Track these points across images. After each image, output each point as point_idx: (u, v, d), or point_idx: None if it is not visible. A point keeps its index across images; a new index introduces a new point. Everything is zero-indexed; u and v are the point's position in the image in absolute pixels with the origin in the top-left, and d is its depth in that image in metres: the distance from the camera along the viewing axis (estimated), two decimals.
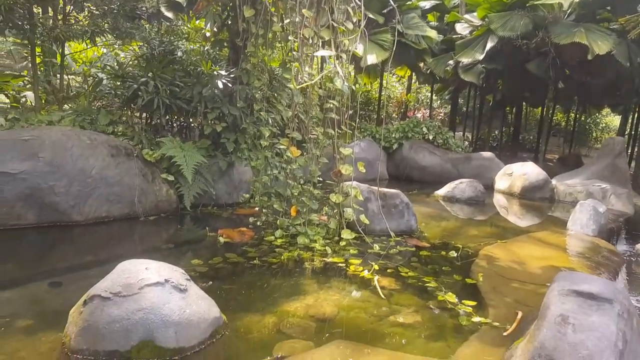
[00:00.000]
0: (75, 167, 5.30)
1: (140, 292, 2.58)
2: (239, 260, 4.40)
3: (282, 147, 5.19)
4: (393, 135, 11.09)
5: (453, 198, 8.39)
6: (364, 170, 5.16)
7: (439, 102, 21.14)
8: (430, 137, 11.02)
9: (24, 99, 7.48)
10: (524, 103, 17.32)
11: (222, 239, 4.96)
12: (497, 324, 3.20)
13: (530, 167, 9.11)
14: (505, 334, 3.01)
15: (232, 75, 6.36)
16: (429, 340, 3.09)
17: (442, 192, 8.63)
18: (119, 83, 6.70)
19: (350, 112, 5.29)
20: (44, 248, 4.77)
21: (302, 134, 5.34)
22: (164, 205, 6.11)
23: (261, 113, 5.26)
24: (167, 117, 6.96)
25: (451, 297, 3.66)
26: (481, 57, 10.99)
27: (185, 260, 4.30)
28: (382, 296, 3.71)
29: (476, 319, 3.30)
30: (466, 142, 12.02)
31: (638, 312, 2.63)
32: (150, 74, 6.43)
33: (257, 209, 5.87)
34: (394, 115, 18.23)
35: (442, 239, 5.69)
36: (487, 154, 10.78)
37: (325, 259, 4.51)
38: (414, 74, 15.85)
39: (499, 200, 9.09)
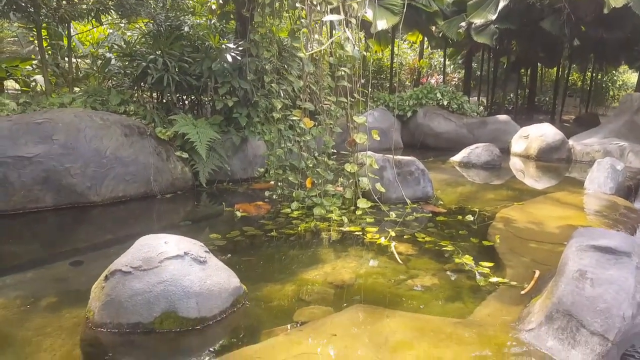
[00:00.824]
0: (90, 148, 5.36)
1: (161, 265, 2.63)
2: (257, 233, 4.44)
3: (294, 118, 5.17)
4: (407, 103, 10.96)
5: (469, 163, 8.32)
6: (378, 138, 5.12)
7: (452, 67, 20.75)
8: (445, 103, 10.86)
9: (33, 83, 7.54)
10: (539, 64, 16.92)
11: (239, 213, 5.01)
12: (514, 283, 3.20)
13: (547, 128, 8.97)
14: (522, 292, 3.01)
15: (240, 48, 6.31)
16: (447, 301, 3.11)
17: (457, 157, 8.56)
18: (127, 62, 6.71)
19: (363, 81, 5.22)
20: (63, 229, 4.87)
21: (314, 105, 5.30)
22: (179, 183, 6.17)
23: (272, 85, 5.22)
24: (178, 95, 6.96)
25: (468, 260, 3.66)
26: (494, 17, 10.71)
27: (204, 235, 4.36)
28: (400, 261, 3.73)
29: (493, 279, 3.30)
30: (481, 107, 11.81)
31: None
32: (158, 51, 6.42)
33: (272, 182, 5.89)
34: (407, 82, 17.98)
35: (459, 203, 5.67)
36: (503, 117, 10.62)
37: (342, 229, 4.53)
38: (425, 39, 15.56)
39: (515, 163, 8.99)
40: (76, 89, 6.96)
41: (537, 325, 2.46)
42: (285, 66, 6.18)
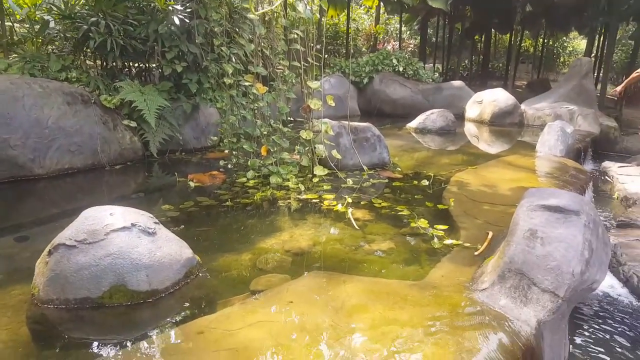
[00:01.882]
0: (30, 118, 5.03)
1: (107, 238, 2.50)
2: (212, 203, 4.32)
3: (247, 84, 5.00)
4: (363, 69, 10.88)
5: (425, 129, 8.38)
6: (333, 104, 5.04)
7: (408, 33, 20.72)
8: (401, 69, 10.85)
9: None
10: (492, 30, 17.13)
11: (192, 184, 4.86)
12: (468, 244, 3.25)
13: (500, 94, 9.12)
14: (476, 253, 3.06)
15: (188, 10, 6.01)
16: (404, 265, 3.13)
17: (413, 124, 8.61)
18: (67, 25, 6.28)
19: (318, 46, 5.09)
20: (6, 203, 4.59)
21: (267, 69, 5.15)
22: (129, 154, 5.92)
23: (222, 49, 5.00)
24: (124, 60, 6.61)
25: (423, 223, 3.69)
26: None
27: (156, 207, 4.21)
28: (357, 227, 3.72)
29: (448, 241, 3.35)
30: (437, 74, 11.91)
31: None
32: (100, 14, 6.03)
33: (226, 151, 5.74)
34: (363, 49, 17.83)
35: (415, 169, 5.70)
36: (458, 83, 10.73)
37: (299, 197, 4.47)
38: (382, 4, 15.39)
39: (469, 128, 9.14)
40: (14, 55, 6.47)
41: (490, 285, 2.50)
42: (237, 29, 5.94)
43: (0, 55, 6.29)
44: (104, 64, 6.46)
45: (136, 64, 6.79)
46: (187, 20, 6.01)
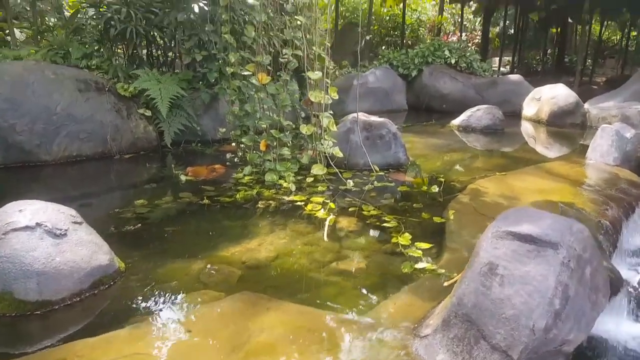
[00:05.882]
0: (38, 104, 5.04)
1: (4, 238, 2.27)
2: (192, 200, 4.04)
3: (246, 73, 4.67)
4: (412, 61, 10.19)
5: (469, 127, 7.64)
6: (336, 96, 4.57)
7: (476, 24, 19.47)
8: (453, 61, 10.04)
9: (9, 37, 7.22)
10: (569, 20, 15.58)
11: (184, 177, 4.62)
12: (443, 271, 2.70)
13: (560, 90, 8.11)
14: (445, 284, 2.50)
15: None
16: (365, 290, 2.66)
17: (457, 121, 7.88)
18: (95, 13, 6.28)
19: (322, 33, 4.64)
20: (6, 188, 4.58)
21: (271, 59, 4.78)
22: (142, 143, 5.82)
23: (225, 36, 4.69)
24: (149, 49, 6.53)
25: (405, 240, 3.16)
26: None
27: (130, 201, 3.98)
28: (325, 239, 3.27)
29: (421, 264, 2.81)
30: (507, 67, 10.80)
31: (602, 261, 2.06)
32: (123, 1, 5.95)
33: (234, 144, 5.46)
34: (427, 40, 16.93)
35: (437, 172, 5.09)
36: (515, 77, 9.75)
37: (286, 198, 4.08)
38: None
39: (526, 128, 8.24)
40: (44, 42, 6.60)
41: (433, 332, 1.99)
42: (247, 17, 5.62)
43: (29, 40, 6.42)
44: (129, 52, 6.40)
45: (160, 53, 6.68)
46: (207, 8, 5.77)
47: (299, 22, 4.42)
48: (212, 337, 2.06)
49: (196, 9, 5.76)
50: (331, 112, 4.76)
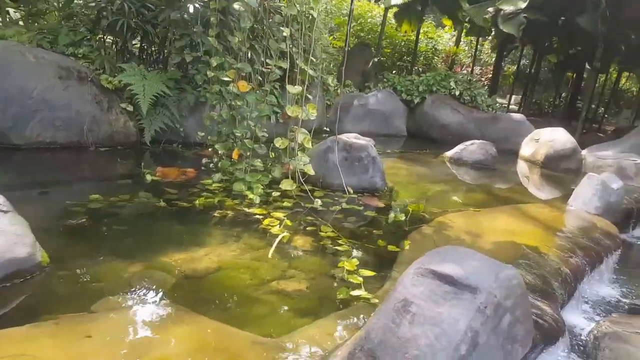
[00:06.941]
0: (13, 86, 4.97)
1: None
2: (150, 201, 3.93)
3: (227, 79, 4.59)
4: (416, 88, 10.12)
5: (460, 160, 7.50)
6: (315, 113, 4.47)
7: (493, 59, 19.41)
8: (457, 93, 9.94)
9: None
10: (587, 66, 15.48)
11: (149, 177, 4.52)
12: (376, 301, 2.55)
13: (560, 134, 7.97)
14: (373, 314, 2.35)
15: None
16: (294, 314, 2.51)
17: (450, 153, 7.75)
18: (87, 2, 6.26)
19: (304, 44, 4.56)
20: None
21: (253, 67, 4.70)
22: (120, 137, 5.74)
23: (210, 39, 4.63)
24: (142, 44, 6.49)
25: (351, 265, 3.01)
26: (524, 5, 9.59)
27: (86, 194, 3.87)
28: (270, 255, 3.13)
29: (357, 292, 2.66)
30: (515, 106, 10.65)
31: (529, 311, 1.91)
32: None
33: (210, 150, 5.37)
34: (440, 69, 16.90)
35: (411, 201, 4.94)
36: (517, 116, 9.62)
37: (247, 209, 3.95)
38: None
39: (519, 167, 8.08)
40: (35, 24, 6.54)
41: None
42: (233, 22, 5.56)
43: (21, 23, 6.38)
44: (119, 44, 6.37)
45: (153, 50, 6.64)
46: (200, 9, 5.73)
47: (284, 34, 4.34)
48: (110, 345, 1.93)
49: (191, 9, 5.71)
50: (326, 128, 4.65)
